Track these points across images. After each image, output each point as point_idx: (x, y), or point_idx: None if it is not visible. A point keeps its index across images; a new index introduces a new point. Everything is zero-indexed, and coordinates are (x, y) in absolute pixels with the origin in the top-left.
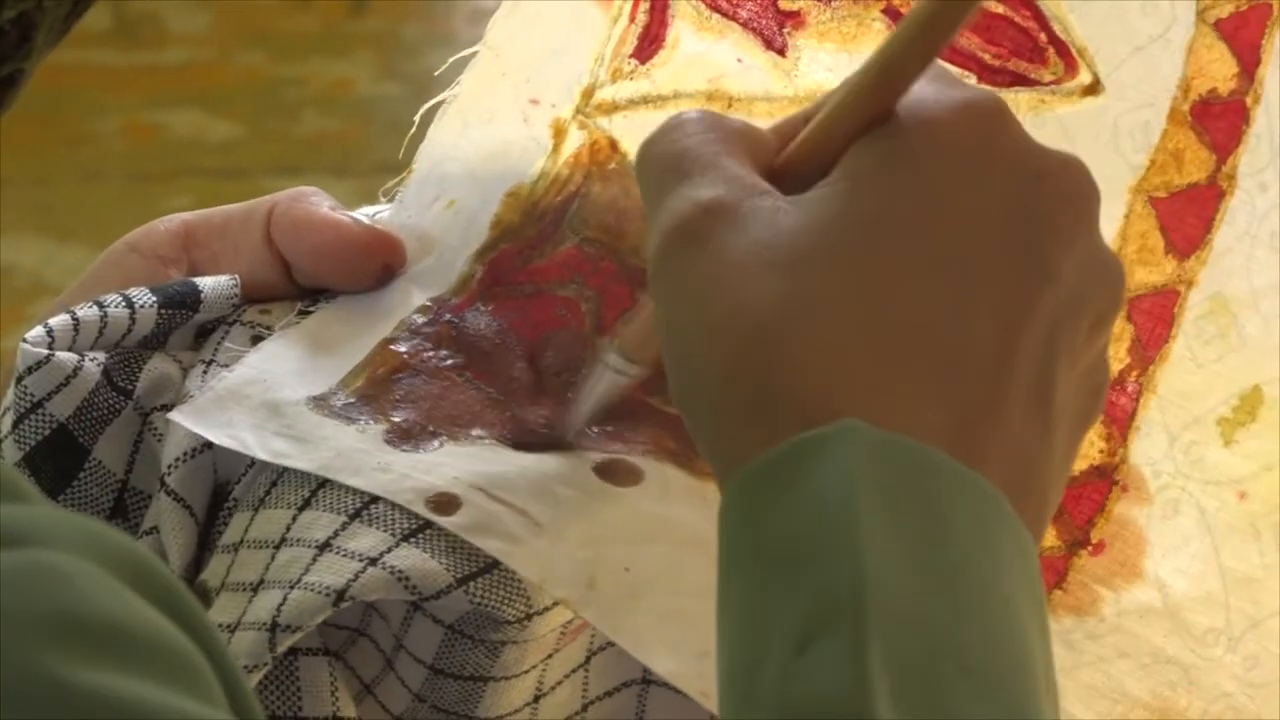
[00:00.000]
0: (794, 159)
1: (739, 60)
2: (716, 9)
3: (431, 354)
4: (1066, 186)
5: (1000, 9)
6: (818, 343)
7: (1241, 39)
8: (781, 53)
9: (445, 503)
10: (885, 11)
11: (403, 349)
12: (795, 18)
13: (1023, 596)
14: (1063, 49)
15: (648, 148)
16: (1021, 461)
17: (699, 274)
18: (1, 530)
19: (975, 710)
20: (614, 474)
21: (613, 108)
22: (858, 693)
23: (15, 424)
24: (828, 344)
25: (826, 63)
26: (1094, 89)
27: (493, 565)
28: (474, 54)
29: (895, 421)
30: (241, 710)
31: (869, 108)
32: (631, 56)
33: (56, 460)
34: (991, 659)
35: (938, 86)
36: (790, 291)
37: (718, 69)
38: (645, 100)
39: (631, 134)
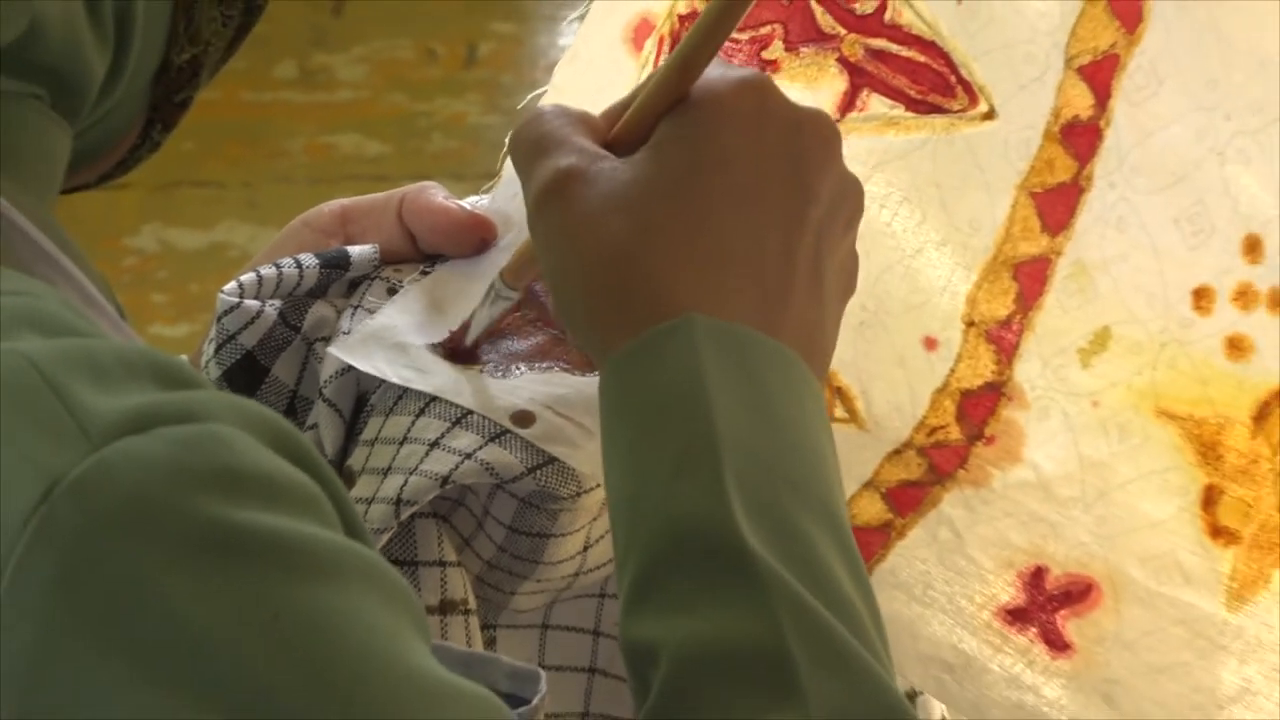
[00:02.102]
0: (621, 134)
1: None
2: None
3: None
4: (818, 132)
5: (923, 58)
6: (658, 261)
7: (1098, 79)
8: None
9: (524, 418)
10: (839, 60)
11: None
12: (773, 65)
13: (818, 429)
14: (968, 87)
15: (517, 133)
16: (807, 332)
17: (565, 222)
18: (181, 409)
19: (801, 512)
20: None
21: None
22: (720, 506)
23: (216, 350)
24: (665, 261)
25: (796, 98)
26: (990, 115)
27: (553, 459)
28: (543, 92)
29: (720, 312)
30: (355, 534)
31: (673, 91)
32: None
33: (245, 376)
34: (807, 475)
35: (719, 69)
36: (633, 227)
37: None
38: None
39: None
